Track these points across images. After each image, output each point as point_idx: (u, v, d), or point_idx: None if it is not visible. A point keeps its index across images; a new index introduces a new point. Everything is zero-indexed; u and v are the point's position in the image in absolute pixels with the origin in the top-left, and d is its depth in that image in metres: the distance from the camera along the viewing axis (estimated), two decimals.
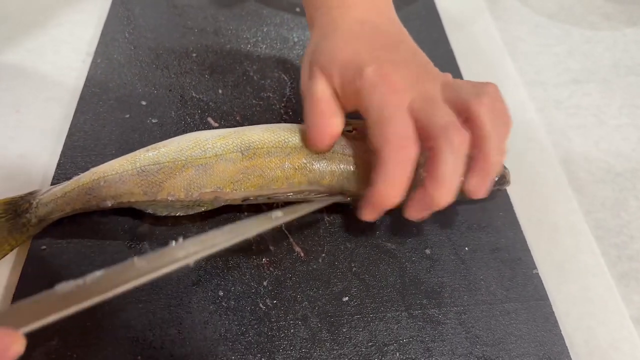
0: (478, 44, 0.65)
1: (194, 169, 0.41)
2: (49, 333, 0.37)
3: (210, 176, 0.41)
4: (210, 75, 0.56)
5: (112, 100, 0.52)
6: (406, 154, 0.36)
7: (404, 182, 0.37)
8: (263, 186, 0.41)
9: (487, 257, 0.44)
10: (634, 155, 0.56)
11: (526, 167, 0.52)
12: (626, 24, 0.72)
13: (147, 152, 0.42)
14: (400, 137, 0.37)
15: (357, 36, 0.42)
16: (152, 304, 0.39)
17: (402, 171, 0.36)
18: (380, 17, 0.45)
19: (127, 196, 0.41)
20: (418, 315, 0.40)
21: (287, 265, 0.42)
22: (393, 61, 0.40)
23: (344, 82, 0.40)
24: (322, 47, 0.42)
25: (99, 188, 0.41)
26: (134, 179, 0.41)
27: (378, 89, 0.38)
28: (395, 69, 0.39)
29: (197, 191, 0.41)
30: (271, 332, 0.39)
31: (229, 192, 0.41)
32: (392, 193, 0.37)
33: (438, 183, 0.36)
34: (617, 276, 0.46)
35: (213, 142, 0.42)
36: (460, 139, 0.36)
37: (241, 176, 0.41)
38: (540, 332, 0.40)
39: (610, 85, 0.64)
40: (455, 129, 0.36)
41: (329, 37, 0.43)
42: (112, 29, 0.60)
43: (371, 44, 0.41)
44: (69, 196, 0.41)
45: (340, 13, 0.44)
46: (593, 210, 0.51)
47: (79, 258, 0.41)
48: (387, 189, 0.37)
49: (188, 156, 0.41)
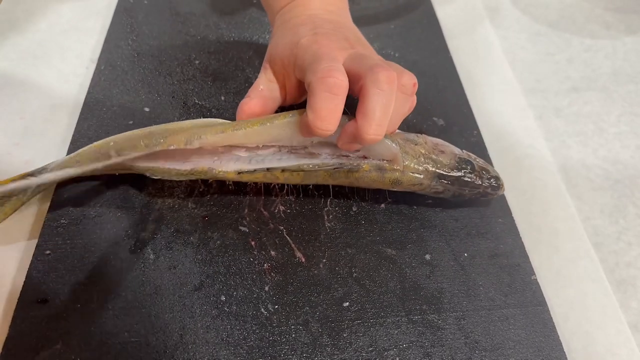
0: (478, 52, 0.66)
1: (197, 128, 0.42)
2: (53, 337, 0.37)
3: (211, 128, 0.42)
4: (212, 82, 0.57)
5: (116, 107, 0.52)
6: (332, 82, 0.38)
7: (331, 111, 0.38)
8: (265, 122, 0.42)
9: (486, 263, 0.45)
10: (632, 162, 0.56)
11: (525, 174, 0.53)
12: (626, 32, 0.73)
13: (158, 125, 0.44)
14: (328, 69, 0.38)
15: (302, 24, 0.45)
16: (155, 308, 0.40)
17: (328, 100, 0.38)
18: (330, 14, 0.47)
19: (130, 149, 0.42)
20: (418, 321, 0.41)
21: (289, 270, 0.43)
22: (327, 33, 0.43)
23: (284, 58, 0.44)
24: (272, 43, 0.47)
25: (107, 147, 0.43)
26: (138, 136, 0.43)
27: (310, 48, 0.41)
28: (329, 37, 0.43)
29: (197, 139, 0.42)
30: (272, 336, 0.39)
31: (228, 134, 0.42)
32: (320, 124, 0.38)
33: (365, 117, 0.38)
34: (614, 282, 0.47)
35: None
36: (385, 76, 0.38)
37: (242, 122, 0.43)
38: (538, 338, 0.41)
39: (609, 94, 0.64)
40: (381, 68, 0.38)
41: (279, 33, 0.47)
42: (116, 36, 0.61)
43: (313, 28, 0.44)
44: (80, 155, 0.43)
45: (295, 13, 0.47)
46: (591, 217, 0.51)
47: (83, 262, 0.41)
48: (315, 119, 0.38)
49: (196, 123, 0.43)
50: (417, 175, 0.44)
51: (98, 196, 0.45)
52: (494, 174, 0.46)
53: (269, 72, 0.47)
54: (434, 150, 0.45)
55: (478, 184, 0.45)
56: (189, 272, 0.42)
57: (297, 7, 0.47)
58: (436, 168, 0.44)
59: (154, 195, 0.46)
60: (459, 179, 0.45)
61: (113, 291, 0.40)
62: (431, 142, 0.45)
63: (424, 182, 0.44)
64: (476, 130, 0.54)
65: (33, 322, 0.38)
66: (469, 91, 0.59)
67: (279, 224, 0.45)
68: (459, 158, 0.45)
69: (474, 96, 0.58)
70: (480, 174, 0.45)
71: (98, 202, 0.45)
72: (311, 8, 0.47)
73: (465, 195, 0.46)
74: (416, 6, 0.70)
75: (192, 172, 0.43)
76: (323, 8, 0.47)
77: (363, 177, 0.44)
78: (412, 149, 0.44)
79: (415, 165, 0.43)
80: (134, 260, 0.42)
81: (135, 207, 0.45)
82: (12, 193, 0.43)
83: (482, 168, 0.46)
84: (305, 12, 0.47)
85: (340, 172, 0.43)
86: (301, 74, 0.42)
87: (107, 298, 0.40)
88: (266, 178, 0.44)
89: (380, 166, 0.43)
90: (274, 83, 0.46)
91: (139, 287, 0.41)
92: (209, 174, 0.43)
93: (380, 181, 0.44)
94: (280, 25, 0.47)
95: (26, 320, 0.38)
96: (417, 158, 0.44)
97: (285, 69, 0.45)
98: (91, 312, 0.39)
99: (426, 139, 0.46)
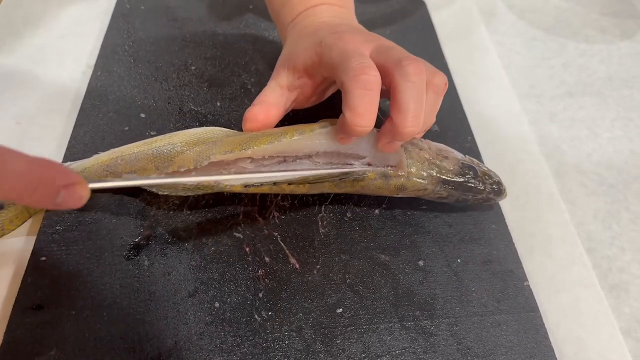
0: (473, 57, 0.66)
1: (204, 144, 0.43)
2: (48, 343, 0.38)
3: (219, 146, 0.42)
4: (208, 87, 0.57)
5: (112, 113, 0.53)
6: (365, 79, 0.38)
7: (368, 108, 0.38)
8: (273, 141, 0.42)
9: (479, 269, 0.45)
10: (626, 167, 0.57)
11: (519, 179, 0.53)
12: (621, 37, 0.73)
13: (162, 137, 0.44)
14: (360, 67, 0.39)
15: (318, 28, 0.46)
16: (149, 314, 0.40)
17: (364, 97, 0.38)
18: (341, 20, 0.49)
19: (141, 172, 0.43)
20: (411, 327, 0.41)
21: (282, 276, 0.43)
22: (348, 30, 0.44)
23: (307, 59, 0.44)
24: (288, 50, 0.48)
25: (116, 165, 0.43)
26: (148, 157, 0.43)
27: (336, 45, 0.42)
28: (351, 33, 0.43)
29: (207, 160, 0.42)
30: (266, 343, 0.39)
31: (237, 153, 0.42)
32: (358, 121, 0.38)
33: (400, 111, 0.39)
34: (607, 288, 0.47)
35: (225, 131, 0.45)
36: (414, 68, 0.38)
37: (250, 138, 0.43)
38: (530, 344, 0.41)
39: (604, 98, 0.64)
40: (409, 61, 0.39)
41: (294, 41, 0.47)
42: (113, 41, 0.61)
43: (331, 29, 0.45)
44: (88, 171, 0.44)
45: (308, 22, 0.48)
46: (585, 222, 0.52)
47: (78, 269, 0.42)
48: (353, 117, 0.38)
49: (200, 137, 0.44)
50: (421, 181, 0.44)
51: (93, 202, 0.45)
52: (496, 179, 0.47)
53: (281, 78, 0.47)
54: (437, 155, 0.45)
55: (481, 189, 0.46)
56: (183, 279, 0.42)
57: (309, 17, 0.48)
58: (440, 173, 0.44)
59: (149, 201, 0.46)
60: (462, 184, 0.45)
61: (108, 297, 0.40)
62: (435, 147, 0.46)
63: (428, 188, 0.44)
64: (470, 135, 0.55)
65: (28, 329, 0.38)
66: (463, 96, 0.59)
67: (274, 230, 0.46)
68: (462, 163, 0.45)
69: (468, 101, 0.59)
70: (483, 179, 0.46)
71: (93, 209, 0.45)
72: (323, 17, 0.48)
73: (469, 200, 0.46)
74: (412, 11, 0.70)
75: (199, 187, 0.43)
76: (333, 16, 0.49)
77: (369, 185, 0.44)
78: (417, 154, 0.44)
79: (420, 170, 0.44)
80: (129, 266, 0.42)
81: (130, 213, 0.45)
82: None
83: (485, 173, 0.46)
84: (317, 20, 0.48)
85: (346, 182, 0.44)
86: (329, 72, 0.42)
87: (102, 304, 0.40)
88: (272, 190, 0.44)
89: (385, 173, 0.43)
90: (284, 89, 0.47)
91: (134, 293, 0.41)
92: (215, 188, 0.43)
93: (385, 188, 0.44)
94: (295, 35, 0.48)
95: (21, 326, 0.38)
96: (421, 163, 0.44)
97: (308, 71, 0.45)
98: (86, 319, 0.39)
99: (430, 144, 0.46)
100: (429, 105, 0.41)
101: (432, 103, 0.42)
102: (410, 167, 0.44)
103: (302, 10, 0.49)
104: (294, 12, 0.49)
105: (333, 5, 0.49)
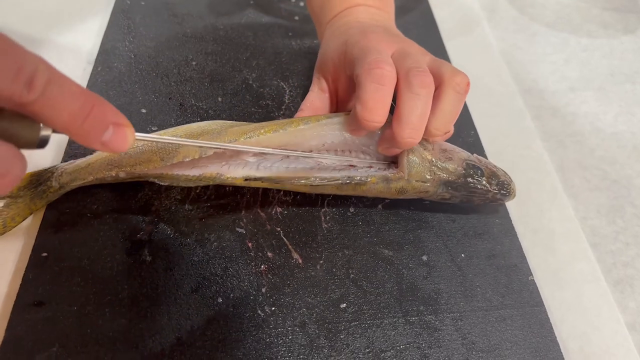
0: (475, 52, 0.66)
1: (208, 135, 0.42)
2: (50, 339, 0.37)
3: (224, 136, 0.42)
4: (209, 83, 0.57)
5: None
6: (379, 72, 0.38)
7: (379, 102, 0.38)
8: (278, 129, 0.42)
9: (483, 263, 0.45)
10: (629, 162, 0.56)
11: (522, 175, 0.53)
12: (623, 32, 0.73)
13: (166, 131, 0.44)
14: (375, 61, 0.38)
15: (352, 27, 0.46)
16: (151, 310, 0.40)
17: (376, 91, 0.38)
18: (378, 22, 0.48)
19: (146, 164, 0.42)
20: (415, 322, 0.41)
21: (286, 272, 0.43)
22: (376, 31, 0.44)
23: (335, 58, 0.45)
24: (322, 50, 0.48)
25: (121, 159, 0.43)
26: (152, 149, 0.42)
27: (359, 43, 0.42)
28: (377, 33, 0.43)
29: (211, 150, 0.41)
30: (269, 338, 0.39)
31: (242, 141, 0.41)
32: (368, 115, 0.38)
33: (399, 121, 0.38)
34: (612, 282, 0.47)
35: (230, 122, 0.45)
36: (419, 81, 0.38)
37: (254, 128, 0.42)
38: (535, 339, 0.41)
39: (606, 93, 0.64)
40: (416, 72, 0.38)
41: (329, 40, 0.48)
42: (113, 37, 0.60)
43: (363, 28, 0.45)
44: (92, 167, 0.44)
45: (345, 21, 0.48)
46: (589, 217, 0.51)
47: (79, 265, 0.41)
48: (363, 111, 0.38)
49: (204, 128, 0.44)
50: (422, 183, 0.43)
51: (95, 198, 0.45)
52: (503, 179, 0.45)
53: (321, 82, 0.48)
54: (441, 156, 0.43)
55: (486, 190, 0.44)
56: (185, 274, 0.42)
57: (345, 17, 0.48)
58: (442, 175, 0.43)
59: (151, 196, 0.46)
60: (465, 185, 0.44)
61: (109, 293, 0.40)
62: (439, 147, 0.44)
63: (429, 190, 0.44)
64: (473, 130, 0.54)
65: (29, 325, 0.38)
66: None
67: (276, 225, 0.45)
68: (466, 164, 0.44)
69: (471, 97, 0.58)
70: (489, 180, 0.44)
71: (95, 204, 0.45)
72: (359, 17, 0.48)
73: (474, 201, 0.45)
74: (413, 7, 0.70)
75: (201, 178, 0.42)
76: (370, 18, 0.48)
77: (370, 189, 0.43)
78: (420, 154, 0.43)
79: (421, 173, 0.43)
80: (131, 262, 0.42)
81: (132, 208, 0.45)
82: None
83: (492, 174, 0.45)
84: (352, 20, 0.48)
85: (348, 185, 0.43)
86: (351, 69, 0.42)
87: (104, 300, 0.40)
88: (273, 185, 0.44)
89: (386, 177, 0.43)
90: (325, 93, 0.48)
91: (136, 289, 0.40)
92: (217, 179, 0.43)
93: (387, 191, 0.44)
94: (329, 34, 0.49)
95: (22, 322, 0.38)
96: (423, 165, 0.43)
97: (337, 70, 0.46)
98: (87, 315, 0.39)
99: (435, 143, 0.45)
100: (450, 105, 0.40)
101: (453, 103, 0.40)
102: (412, 169, 0.42)
103: (341, 10, 0.49)
104: (332, 12, 0.49)
105: (371, 7, 0.49)
